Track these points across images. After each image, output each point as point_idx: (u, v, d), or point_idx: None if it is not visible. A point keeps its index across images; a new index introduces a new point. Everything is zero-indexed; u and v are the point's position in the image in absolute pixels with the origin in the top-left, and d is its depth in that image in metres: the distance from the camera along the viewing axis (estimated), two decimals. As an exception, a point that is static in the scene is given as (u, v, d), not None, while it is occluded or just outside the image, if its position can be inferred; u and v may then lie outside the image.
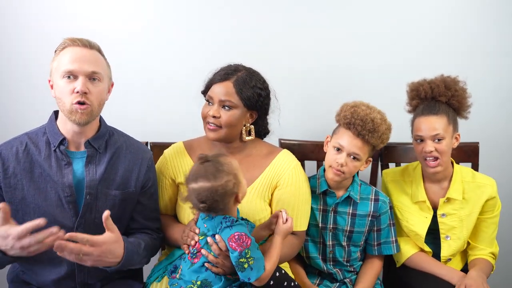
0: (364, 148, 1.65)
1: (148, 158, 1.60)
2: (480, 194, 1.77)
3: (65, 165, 1.46)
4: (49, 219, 1.42)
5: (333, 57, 2.23)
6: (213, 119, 1.59)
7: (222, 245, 1.39)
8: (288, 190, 1.66)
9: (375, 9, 2.22)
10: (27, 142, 1.48)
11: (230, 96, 1.59)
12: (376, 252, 1.79)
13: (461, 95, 1.73)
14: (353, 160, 1.65)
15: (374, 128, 1.62)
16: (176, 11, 2.14)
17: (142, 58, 2.14)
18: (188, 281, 1.44)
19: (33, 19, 2.06)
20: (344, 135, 1.66)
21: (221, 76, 1.61)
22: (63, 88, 1.40)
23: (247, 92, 1.59)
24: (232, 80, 1.60)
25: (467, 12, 2.27)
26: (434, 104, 1.72)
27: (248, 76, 1.61)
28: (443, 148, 1.68)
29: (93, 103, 1.43)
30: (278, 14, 2.18)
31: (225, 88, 1.59)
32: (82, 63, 1.41)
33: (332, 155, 1.69)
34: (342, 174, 1.67)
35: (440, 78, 1.76)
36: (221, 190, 1.37)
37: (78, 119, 1.41)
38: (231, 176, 1.38)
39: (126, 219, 1.57)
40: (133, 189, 1.55)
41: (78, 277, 1.49)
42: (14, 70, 2.08)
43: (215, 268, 1.42)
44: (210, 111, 1.60)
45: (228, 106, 1.59)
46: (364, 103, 1.70)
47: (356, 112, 1.64)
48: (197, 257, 1.44)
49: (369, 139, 1.63)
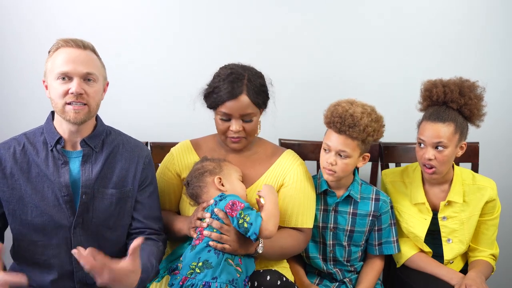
0: (350, 144, 1.62)
1: (145, 156, 1.59)
2: (481, 196, 1.76)
3: (62, 165, 1.46)
4: (46, 219, 1.44)
5: (333, 57, 2.23)
6: (236, 134, 1.61)
7: (221, 215, 1.49)
8: (294, 187, 1.68)
9: (378, 11, 2.22)
10: (24, 142, 1.48)
11: (249, 109, 1.59)
12: (377, 252, 1.79)
13: (474, 104, 1.66)
14: (342, 158, 1.65)
15: (354, 123, 1.60)
16: (176, 11, 2.14)
17: (142, 58, 2.14)
18: (188, 265, 1.46)
19: (29, 19, 2.05)
20: (329, 135, 1.67)
21: (232, 91, 1.56)
22: (57, 89, 1.40)
23: (259, 96, 1.61)
24: (244, 92, 1.57)
25: (468, 12, 2.27)
26: (444, 110, 1.66)
27: (252, 79, 1.60)
28: (443, 158, 1.65)
29: (90, 103, 1.43)
30: (280, 15, 2.17)
31: (242, 102, 1.57)
32: (76, 65, 1.40)
33: (322, 156, 1.70)
34: (334, 174, 1.66)
35: (457, 82, 1.69)
36: (201, 169, 1.60)
37: (73, 119, 1.41)
38: (214, 163, 1.61)
39: (126, 219, 1.56)
40: (130, 187, 1.54)
41: (76, 277, 1.49)
42: (11, 70, 2.08)
43: (220, 245, 1.47)
44: (232, 127, 1.60)
45: (249, 118, 1.60)
46: (349, 100, 1.68)
47: (336, 110, 1.64)
48: (199, 239, 1.50)
49: (351, 134, 1.60)
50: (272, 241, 1.57)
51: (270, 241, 1.56)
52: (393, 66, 2.25)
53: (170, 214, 1.73)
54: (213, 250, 1.48)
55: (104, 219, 1.50)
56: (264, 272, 1.52)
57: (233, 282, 1.44)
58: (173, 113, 2.17)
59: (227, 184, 1.59)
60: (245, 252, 1.51)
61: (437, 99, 1.69)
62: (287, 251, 1.65)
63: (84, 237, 1.47)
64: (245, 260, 1.52)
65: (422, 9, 2.24)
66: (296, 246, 1.67)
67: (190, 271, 1.45)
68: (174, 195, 1.74)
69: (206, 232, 1.49)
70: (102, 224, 1.50)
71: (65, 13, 2.07)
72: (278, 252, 1.62)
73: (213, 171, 1.60)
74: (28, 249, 1.47)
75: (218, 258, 1.46)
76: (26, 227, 1.45)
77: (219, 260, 1.46)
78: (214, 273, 1.44)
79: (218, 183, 1.58)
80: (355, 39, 2.23)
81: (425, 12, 2.24)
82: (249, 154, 1.73)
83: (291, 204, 1.66)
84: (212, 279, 1.43)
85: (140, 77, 2.15)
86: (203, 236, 1.50)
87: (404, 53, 2.25)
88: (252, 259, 1.55)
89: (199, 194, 1.60)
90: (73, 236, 1.46)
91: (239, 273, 1.47)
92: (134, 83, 2.14)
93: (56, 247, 1.47)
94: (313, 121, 2.21)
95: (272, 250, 1.58)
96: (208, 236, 1.48)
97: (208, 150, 1.74)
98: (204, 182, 1.59)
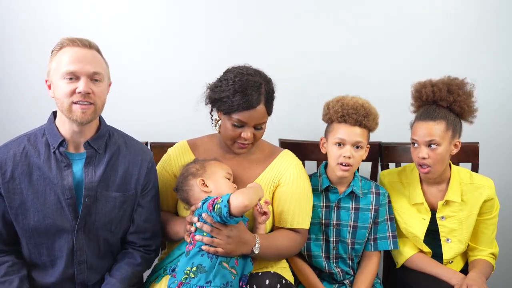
0: (363, 134, 1.69)
1: (149, 160, 1.58)
2: (478, 195, 1.77)
3: (65, 167, 1.44)
4: (49, 223, 1.43)
5: (334, 57, 2.23)
6: (246, 141, 1.61)
7: (209, 219, 1.47)
8: (290, 187, 1.67)
9: (378, 12, 2.22)
10: (25, 144, 1.46)
11: (264, 118, 1.60)
12: (372, 247, 1.79)
13: (464, 100, 1.69)
14: (357, 149, 1.68)
15: (367, 112, 1.67)
16: (177, 12, 2.13)
17: (143, 58, 2.14)
18: (182, 270, 1.46)
19: (32, 19, 2.05)
20: (340, 129, 1.68)
21: (249, 102, 1.54)
22: (64, 88, 1.38)
23: (272, 104, 1.62)
24: (262, 103, 1.57)
25: (469, 13, 2.27)
26: (434, 109, 1.70)
27: (268, 88, 1.60)
28: (436, 156, 1.67)
29: (96, 102, 1.42)
30: (280, 15, 2.17)
31: (258, 113, 1.57)
32: (83, 64, 1.39)
33: (335, 151, 1.70)
34: (350, 167, 1.69)
35: (445, 81, 1.73)
36: (185, 173, 1.61)
37: (80, 118, 1.39)
38: (197, 165, 1.61)
39: (126, 222, 1.56)
40: (133, 191, 1.53)
41: (77, 279, 1.49)
42: (12, 70, 2.07)
43: (212, 248, 1.46)
44: (243, 134, 1.59)
45: (261, 126, 1.62)
46: (347, 95, 1.73)
47: (345, 103, 1.68)
48: (192, 244, 1.49)
49: (366, 123, 1.67)
50: (268, 241, 1.57)
51: (266, 242, 1.56)
52: (393, 66, 2.25)
53: (168, 215, 1.72)
54: (206, 254, 1.47)
55: (107, 222, 1.49)
56: (264, 275, 1.51)
57: (227, 285, 1.43)
58: (173, 113, 2.17)
59: (210, 184, 1.58)
60: (240, 253, 1.50)
61: (427, 98, 1.73)
62: (283, 252, 1.65)
63: (86, 240, 1.47)
64: (241, 261, 1.51)
65: (426, 9, 2.24)
66: (292, 247, 1.67)
67: (185, 276, 1.44)
68: (171, 196, 1.73)
69: (198, 236, 1.48)
70: (103, 227, 1.49)
71: (67, 13, 2.07)
72: (275, 253, 1.62)
73: (195, 174, 1.59)
74: (30, 251, 1.47)
75: (212, 262, 1.46)
76: (29, 231, 1.44)
77: (213, 264, 1.45)
78: (208, 277, 1.43)
79: (202, 185, 1.57)
80: (356, 39, 2.22)
81: (430, 11, 2.25)
82: (246, 154, 1.71)
83: (287, 205, 1.66)
84: (206, 283, 1.42)
85: (140, 77, 2.15)
86: (195, 241, 1.49)
87: (404, 53, 2.25)
88: (248, 259, 1.54)
89: (187, 198, 1.60)
90: (75, 239, 1.45)
91: (234, 275, 1.46)
92: (134, 83, 2.14)
93: (58, 250, 1.46)
94: (313, 121, 2.21)
95: (268, 251, 1.57)
96: (200, 240, 1.47)
97: (205, 150, 1.73)
98: (189, 186, 1.59)
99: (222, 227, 1.47)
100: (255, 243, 1.52)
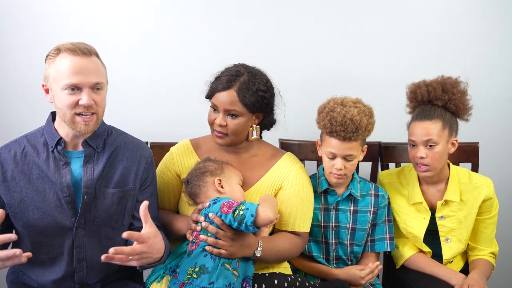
0: (354, 146, 1.65)
1: (147, 156, 1.59)
2: (477, 195, 1.77)
3: (63, 165, 1.46)
4: (48, 220, 1.44)
5: (334, 57, 2.23)
6: (219, 128, 1.60)
7: (217, 220, 1.46)
8: (292, 190, 1.67)
9: (378, 11, 2.22)
10: (25, 144, 1.47)
11: (234, 105, 1.58)
12: (369, 248, 1.79)
13: (458, 98, 1.70)
14: (349, 161, 1.67)
15: (356, 127, 1.61)
16: (177, 12, 2.14)
17: (143, 59, 2.14)
18: (185, 270, 1.46)
19: (30, 20, 2.05)
20: (331, 142, 1.66)
21: (224, 84, 1.58)
22: (65, 100, 1.38)
23: (251, 98, 1.58)
24: (235, 88, 1.57)
25: (469, 13, 2.27)
26: (429, 109, 1.70)
27: (250, 80, 1.59)
28: (434, 155, 1.67)
29: (98, 111, 1.43)
30: (283, 17, 2.18)
31: (228, 97, 1.58)
32: (86, 76, 1.37)
33: (327, 162, 1.70)
34: (344, 176, 1.68)
35: (439, 80, 1.74)
36: (202, 169, 1.59)
37: (83, 130, 1.41)
38: (216, 165, 1.60)
39: (128, 218, 1.56)
40: (131, 186, 1.54)
41: (77, 277, 1.49)
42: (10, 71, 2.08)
43: (216, 249, 1.46)
44: (216, 120, 1.60)
45: (234, 114, 1.59)
46: (337, 101, 1.67)
47: (333, 118, 1.62)
48: (196, 244, 1.48)
49: (356, 138, 1.63)
50: (270, 244, 1.57)
51: (268, 244, 1.56)
52: (393, 66, 2.25)
53: (169, 213, 1.72)
54: (210, 255, 1.47)
55: (106, 218, 1.50)
56: (271, 276, 1.52)
57: (230, 287, 1.43)
58: (173, 113, 2.17)
59: (226, 186, 1.58)
60: (243, 255, 1.51)
61: (422, 99, 1.73)
62: (284, 255, 1.65)
63: (86, 237, 1.48)
64: (242, 264, 1.51)
65: (428, 11, 2.25)
66: (293, 250, 1.67)
67: (187, 277, 1.44)
68: (173, 195, 1.74)
69: (202, 236, 1.48)
70: (104, 223, 1.50)
71: (67, 14, 2.07)
72: (276, 256, 1.62)
73: (214, 172, 1.59)
74: (30, 249, 1.46)
75: (215, 263, 1.45)
76: (29, 229, 1.45)
77: (216, 265, 1.45)
78: (211, 278, 1.43)
79: (218, 184, 1.57)
80: (356, 39, 2.23)
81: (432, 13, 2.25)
82: (248, 156, 1.72)
83: (289, 208, 1.66)
84: (209, 284, 1.42)
85: (140, 77, 2.15)
86: (199, 241, 1.49)
87: (404, 53, 2.25)
88: (250, 262, 1.54)
89: (198, 194, 1.59)
90: (75, 237, 1.46)
91: (236, 277, 1.46)
92: (134, 83, 2.14)
93: (58, 247, 1.47)
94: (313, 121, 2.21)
95: (270, 253, 1.57)
96: (204, 240, 1.47)
97: (207, 150, 1.73)
98: (204, 182, 1.58)
99: (228, 230, 1.47)
100: (257, 246, 1.53)
